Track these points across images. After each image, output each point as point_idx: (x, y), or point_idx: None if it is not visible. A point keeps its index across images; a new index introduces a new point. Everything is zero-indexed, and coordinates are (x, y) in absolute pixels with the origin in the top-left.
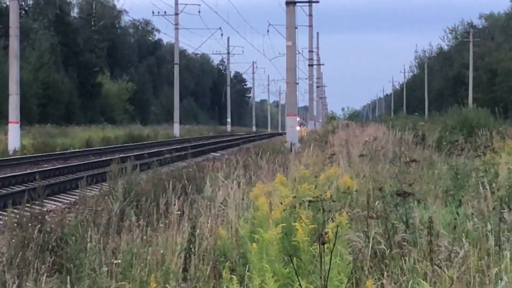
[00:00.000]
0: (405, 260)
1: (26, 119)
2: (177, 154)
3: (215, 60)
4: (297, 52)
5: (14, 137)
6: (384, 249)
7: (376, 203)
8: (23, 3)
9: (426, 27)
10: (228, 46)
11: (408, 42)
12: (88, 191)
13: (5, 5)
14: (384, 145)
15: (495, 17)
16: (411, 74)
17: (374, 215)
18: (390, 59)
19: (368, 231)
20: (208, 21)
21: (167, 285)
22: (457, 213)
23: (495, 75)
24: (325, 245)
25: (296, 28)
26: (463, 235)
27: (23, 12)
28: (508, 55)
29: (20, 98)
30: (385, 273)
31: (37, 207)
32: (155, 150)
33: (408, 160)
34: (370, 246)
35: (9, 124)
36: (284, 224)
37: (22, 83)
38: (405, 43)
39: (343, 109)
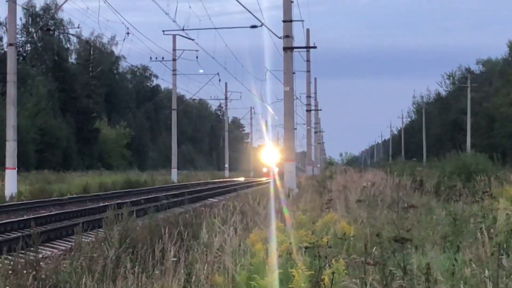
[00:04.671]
0: None
1: (23, 165)
2: (174, 200)
3: (213, 105)
4: (295, 97)
5: (11, 183)
6: None
7: (374, 249)
8: (20, 49)
9: (424, 72)
10: (226, 91)
11: (406, 87)
12: (84, 237)
13: (2, 51)
14: (382, 190)
15: (493, 62)
16: (409, 119)
17: (371, 262)
18: (388, 104)
19: (365, 278)
20: (206, 66)
21: None
22: (455, 259)
23: (493, 121)
24: None
25: (294, 73)
26: (461, 281)
27: (21, 58)
28: (506, 100)
29: (17, 144)
30: None
31: (32, 254)
32: (152, 196)
33: (406, 205)
34: None
35: (6, 170)
36: (281, 271)
37: (20, 129)
38: (403, 88)
39: (341, 155)
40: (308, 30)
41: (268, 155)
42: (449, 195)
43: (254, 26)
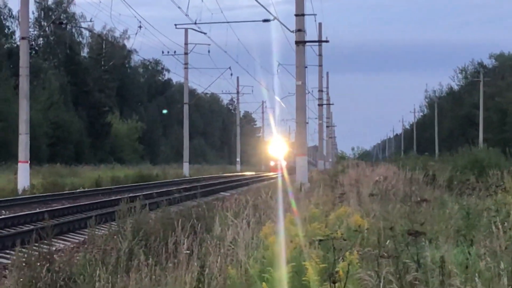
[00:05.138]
0: None
1: (35, 159)
2: (187, 193)
3: (225, 99)
4: (306, 91)
5: (23, 177)
6: None
7: (387, 242)
8: (33, 43)
9: (436, 66)
10: (238, 85)
11: (418, 82)
12: (97, 230)
13: (15, 45)
14: (395, 184)
15: (505, 56)
16: (421, 114)
17: (385, 254)
18: (400, 99)
19: (379, 271)
20: (218, 60)
21: None
22: (469, 253)
23: (505, 115)
24: (336, 284)
25: (306, 67)
26: (476, 274)
27: (34, 52)
28: None
29: (30, 138)
30: None
31: (45, 246)
32: (165, 190)
33: (419, 199)
34: (382, 286)
35: (19, 164)
36: (294, 264)
37: (32, 123)
38: (415, 82)
39: (353, 149)
40: (320, 24)
41: (276, 148)
42: (462, 189)
43: (266, 20)
